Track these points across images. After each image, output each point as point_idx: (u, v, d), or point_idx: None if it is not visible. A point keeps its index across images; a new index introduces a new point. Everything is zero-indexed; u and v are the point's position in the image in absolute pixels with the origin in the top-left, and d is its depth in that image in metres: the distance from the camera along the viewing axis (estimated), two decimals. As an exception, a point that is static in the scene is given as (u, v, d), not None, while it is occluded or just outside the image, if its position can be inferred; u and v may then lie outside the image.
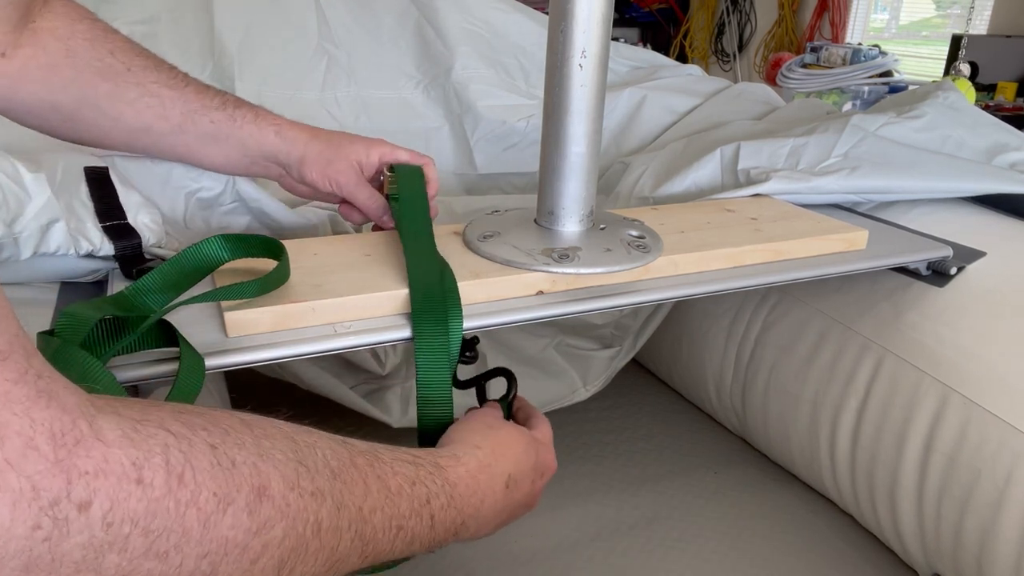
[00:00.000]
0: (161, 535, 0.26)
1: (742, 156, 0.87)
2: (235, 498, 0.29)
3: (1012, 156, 0.91)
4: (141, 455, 0.26)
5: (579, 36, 0.57)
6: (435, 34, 1.11)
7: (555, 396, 1.03)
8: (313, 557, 0.33)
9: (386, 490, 0.38)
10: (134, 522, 0.26)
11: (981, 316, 0.73)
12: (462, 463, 0.45)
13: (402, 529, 0.39)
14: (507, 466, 0.48)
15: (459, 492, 0.43)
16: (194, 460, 0.28)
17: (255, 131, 0.64)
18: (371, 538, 0.36)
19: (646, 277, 0.63)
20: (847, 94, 2.26)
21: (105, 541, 0.25)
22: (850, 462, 0.82)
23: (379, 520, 0.37)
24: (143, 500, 0.26)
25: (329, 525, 0.33)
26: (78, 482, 0.24)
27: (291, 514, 0.31)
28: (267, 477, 0.31)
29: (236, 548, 0.29)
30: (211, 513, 0.28)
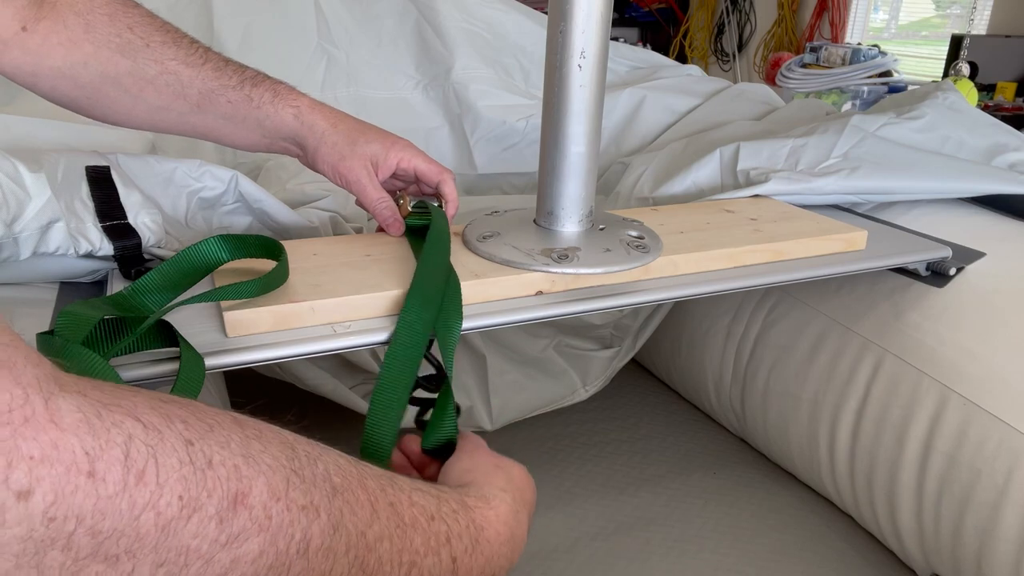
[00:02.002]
0: (111, 537, 0.24)
1: (742, 156, 0.87)
2: (203, 504, 0.26)
3: (1011, 157, 0.91)
4: (97, 445, 0.23)
5: (578, 36, 0.58)
6: (435, 34, 1.11)
7: (555, 396, 1.03)
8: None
9: (398, 518, 0.34)
10: (79, 520, 0.23)
11: (980, 316, 0.73)
12: (492, 507, 0.41)
13: (415, 567, 0.35)
14: (529, 501, 0.45)
15: (487, 537, 0.39)
16: (161, 456, 0.25)
17: (272, 112, 0.62)
18: (375, 570, 0.33)
19: (646, 277, 0.63)
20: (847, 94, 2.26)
21: (46, 536, 0.22)
22: (849, 462, 0.82)
23: (386, 551, 0.33)
24: (91, 496, 0.23)
25: (320, 545, 0.30)
26: (19, 466, 0.22)
27: (272, 527, 0.28)
28: (248, 483, 0.28)
29: (199, 560, 0.26)
30: (172, 519, 0.25)
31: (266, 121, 0.62)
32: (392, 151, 0.64)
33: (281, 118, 0.62)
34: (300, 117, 0.62)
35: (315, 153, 0.63)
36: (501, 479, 0.44)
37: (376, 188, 0.64)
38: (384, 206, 0.65)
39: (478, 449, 0.49)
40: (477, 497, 0.41)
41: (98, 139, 0.76)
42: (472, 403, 0.97)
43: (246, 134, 0.64)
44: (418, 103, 1.11)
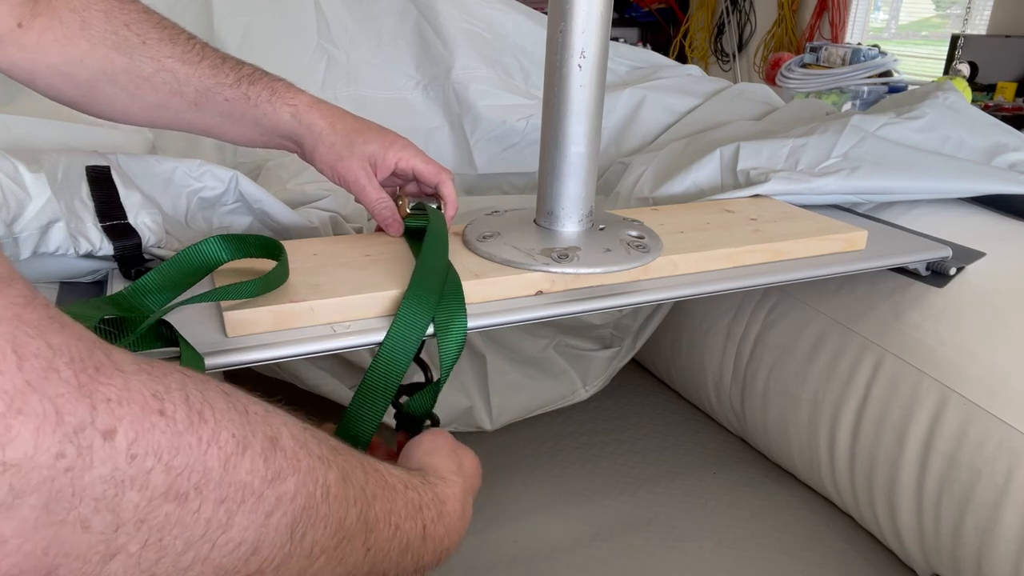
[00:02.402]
0: (183, 473, 0.25)
1: (742, 156, 0.87)
2: (251, 442, 0.27)
3: (1011, 157, 0.91)
4: (161, 387, 0.25)
5: (578, 37, 0.58)
6: (435, 34, 1.11)
7: (555, 396, 1.03)
8: (323, 524, 0.31)
9: (384, 482, 0.37)
10: (158, 456, 0.24)
11: (980, 316, 0.73)
12: (449, 486, 0.44)
13: (399, 529, 0.37)
14: (473, 494, 0.48)
15: (448, 511, 0.42)
16: (212, 399, 0.27)
17: (269, 111, 0.61)
18: (373, 525, 0.35)
19: (646, 277, 0.63)
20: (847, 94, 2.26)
21: (127, 475, 0.23)
22: (849, 462, 0.82)
23: (379, 509, 0.35)
24: (167, 433, 0.24)
25: (337, 493, 0.32)
26: (103, 408, 0.23)
27: (302, 470, 0.30)
28: (278, 428, 0.29)
29: (252, 496, 0.27)
30: (231, 454, 0.26)
31: (263, 120, 0.62)
32: (391, 151, 0.63)
33: (278, 117, 0.62)
34: (297, 116, 0.62)
35: (313, 153, 0.63)
36: (455, 464, 0.47)
37: (375, 188, 0.64)
38: (383, 206, 0.64)
39: (440, 434, 0.51)
40: (436, 476, 0.44)
41: (98, 139, 0.76)
42: (472, 403, 0.97)
43: (244, 131, 0.63)
44: (418, 103, 1.11)
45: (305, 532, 0.30)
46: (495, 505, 0.90)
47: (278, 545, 0.29)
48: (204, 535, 0.26)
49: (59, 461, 0.22)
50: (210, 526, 0.26)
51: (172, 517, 0.25)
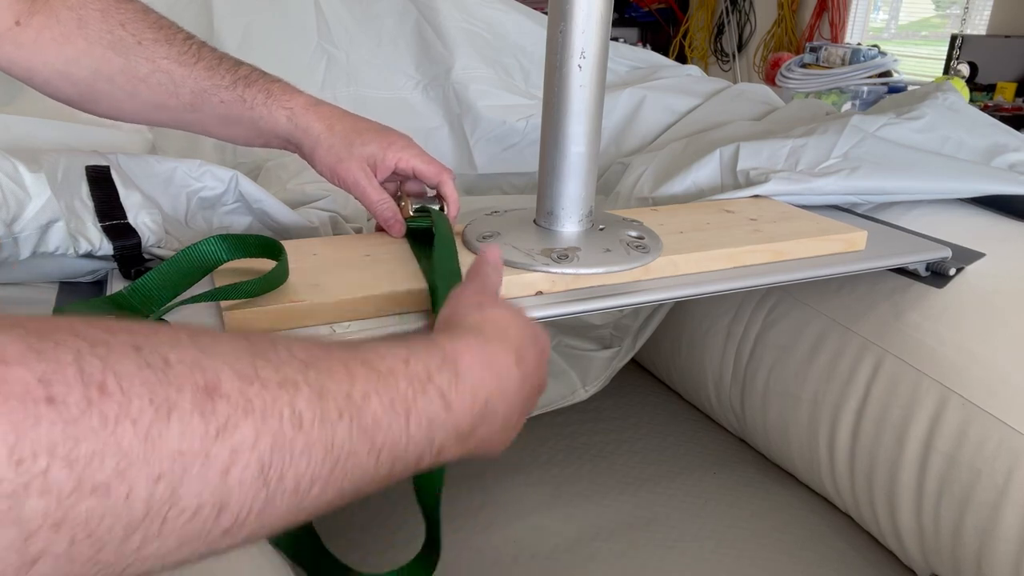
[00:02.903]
0: (91, 463, 0.21)
1: (742, 157, 0.87)
2: (177, 401, 0.23)
3: (1011, 157, 0.91)
4: (49, 368, 0.21)
5: (578, 37, 0.58)
6: (435, 34, 1.11)
7: (555, 396, 1.03)
8: (303, 456, 0.27)
9: (375, 372, 0.32)
10: (51, 452, 0.20)
11: (980, 317, 0.73)
12: (461, 338, 0.39)
13: (411, 412, 0.33)
14: (511, 340, 0.42)
15: (466, 365, 0.37)
16: (116, 364, 0.23)
17: (266, 113, 0.61)
18: (374, 427, 0.31)
19: (646, 277, 0.63)
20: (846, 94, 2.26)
21: (19, 484, 0.20)
22: (849, 462, 0.82)
23: (377, 405, 0.31)
24: (57, 423, 0.21)
25: (313, 416, 0.28)
26: None
27: (256, 409, 0.26)
28: (214, 373, 0.25)
29: (197, 459, 0.23)
30: (151, 424, 0.22)
31: (260, 123, 0.62)
32: (390, 151, 0.63)
33: (275, 120, 0.61)
34: (294, 119, 0.62)
35: (312, 156, 0.63)
36: (472, 316, 0.42)
37: (376, 189, 0.64)
38: (384, 207, 0.64)
39: (462, 292, 0.46)
40: (443, 334, 0.39)
41: (98, 139, 0.76)
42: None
43: (242, 133, 0.63)
44: (418, 103, 1.11)
45: (283, 472, 0.26)
46: (495, 505, 0.90)
47: (250, 496, 0.25)
48: (147, 515, 0.22)
49: None
50: (151, 505, 0.22)
51: (97, 510, 0.21)
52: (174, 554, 0.24)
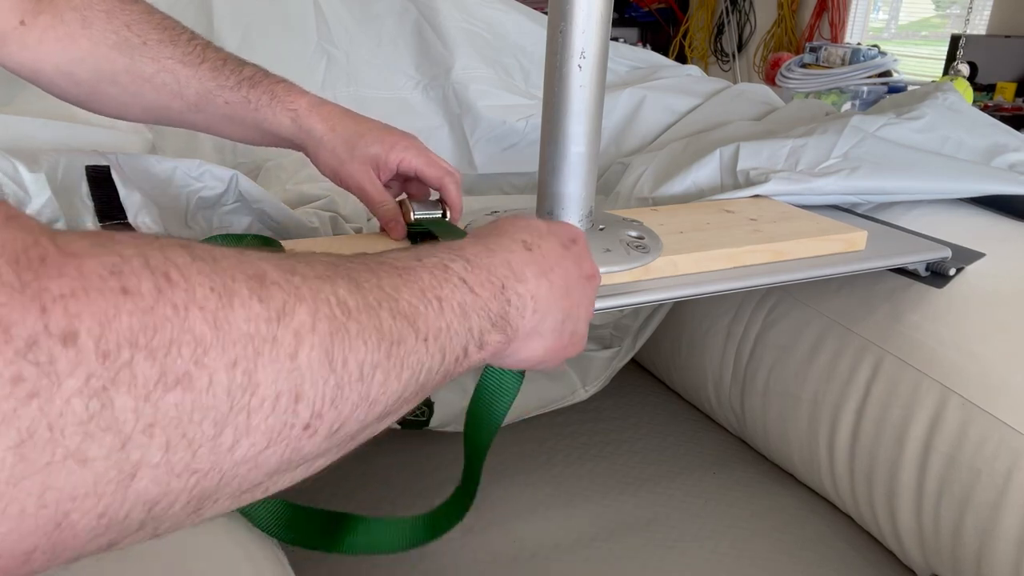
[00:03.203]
0: (170, 352, 0.21)
1: (742, 157, 0.87)
2: (235, 288, 0.23)
3: (1011, 157, 0.91)
4: (118, 258, 0.21)
5: (578, 37, 0.57)
6: (434, 34, 1.11)
7: (554, 396, 1.03)
8: (361, 340, 0.27)
9: (395, 269, 0.32)
10: (133, 344, 0.20)
11: (980, 317, 0.73)
12: (460, 243, 0.39)
13: (443, 300, 0.33)
14: (515, 233, 0.41)
15: (473, 253, 0.37)
16: (173, 256, 0.22)
17: (270, 115, 0.61)
18: (413, 314, 0.30)
19: (646, 278, 0.63)
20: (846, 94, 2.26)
21: (106, 380, 0.19)
22: (849, 463, 0.82)
23: (409, 296, 0.31)
24: (135, 313, 0.20)
25: (356, 303, 0.27)
26: (56, 309, 0.19)
27: (307, 294, 0.25)
28: (258, 265, 0.25)
29: (266, 343, 0.23)
30: (217, 310, 0.22)
31: (264, 124, 0.62)
32: (393, 152, 0.63)
33: (279, 122, 0.62)
34: (297, 121, 0.62)
35: (315, 157, 0.63)
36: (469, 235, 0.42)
37: (378, 191, 0.64)
38: (385, 209, 0.64)
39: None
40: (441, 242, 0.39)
41: (98, 139, 0.76)
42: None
43: (247, 133, 0.64)
44: (418, 103, 1.11)
45: (345, 357, 0.26)
46: (495, 505, 0.90)
47: (321, 382, 0.25)
48: (232, 408, 0.22)
49: (18, 388, 0.18)
50: (233, 396, 0.22)
51: (184, 405, 0.21)
52: (265, 457, 0.24)
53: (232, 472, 0.23)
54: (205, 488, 0.22)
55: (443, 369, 0.33)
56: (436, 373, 0.32)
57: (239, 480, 0.24)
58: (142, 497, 0.21)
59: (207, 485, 0.22)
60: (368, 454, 1.00)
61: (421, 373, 0.31)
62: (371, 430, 0.30)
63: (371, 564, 0.80)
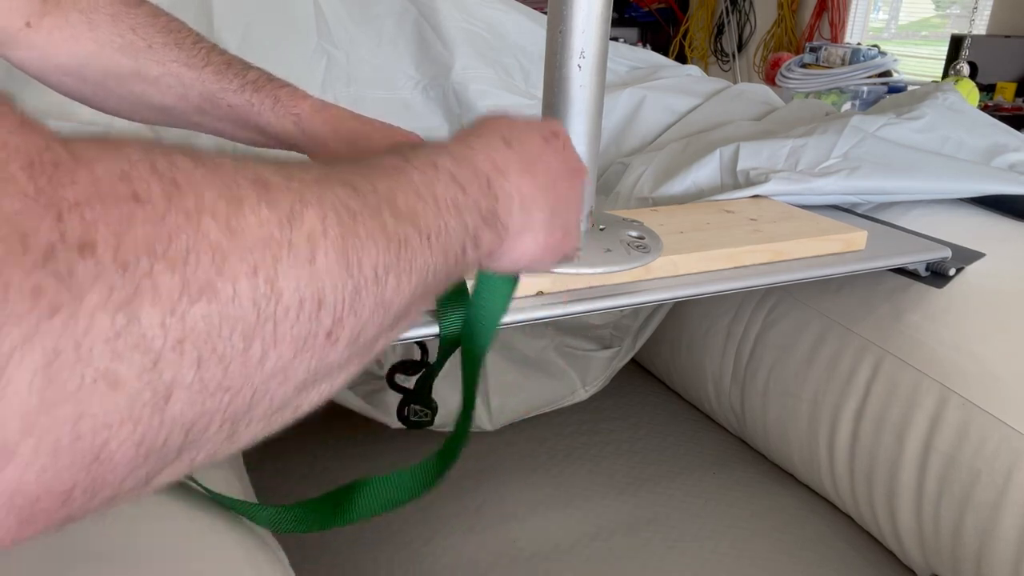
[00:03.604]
0: (189, 261, 0.20)
1: (741, 157, 0.87)
2: (241, 193, 0.22)
3: (1011, 157, 0.91)
4: (126, 165, 0.20)
5: (578, 37, 0.57)
6: (434, 34, 1.11)
7: (555, 396, 1.03)
8: (371, 241, 0.26)
9: (386, 172, 0.31)
10: (151, 252, 0.19)
11: (980, 317, 0.73)
12: (442, 143, 0.38)
13: (437, 198, 0.32)
14: (494, 130, 0.41)
15: (456, 152, 0.36)
16: (177, 162, 0.21)
17: (273, 119, 0.62)
18: (411, 214, 0.30)
19: (646, 278, 0.63)
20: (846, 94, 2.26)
21: (128, 292, 0.18)
22: (849, 463, 0.82)
23: (404, 196, 0.30)
24: (150, 220, 0.19)
25: (358, 206, 0.26)
26: (71, 218, 0.18)
27: (311, 199, 0.24)
28: (258, 172, 0.24)
29: (283, 248, 0.22)
30: (228, 215, 0.21)
31: (268, 128, 0.62)
32: None
33: (283, 126, 0.62)
34: (300, 125, 0.62)
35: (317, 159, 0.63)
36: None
37: None
38: None
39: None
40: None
41: (98, 139, 0.76)
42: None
43: (251, 136, 0.64)
44: (418, 103, 1.11)
45: (360, 259, 0.25)
46: (495, 505, 0.90)
47: (340, 286, 0.24)
48: (259, 318, 0.21)
49: (39, 303, 0.16)
50: (259, 305, 0.21)
51: (212, 317, 0.20)
52: (293, 369, 0.23)
53: (263, 387, 0.22)
54: (238, 408, 0.22)
55: (445, 270, 0.32)
56: (440, 274, 0.32)
57: (270, 397, 0.23)
58: (178, 420, 0.20)
59: (240, 404, 0.22)
60: (370, 453, 1.01)
61: (428, 274, 0.30)
62: (386, 338, 0.29)
63: (371, 564, 0.81)
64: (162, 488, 0.23)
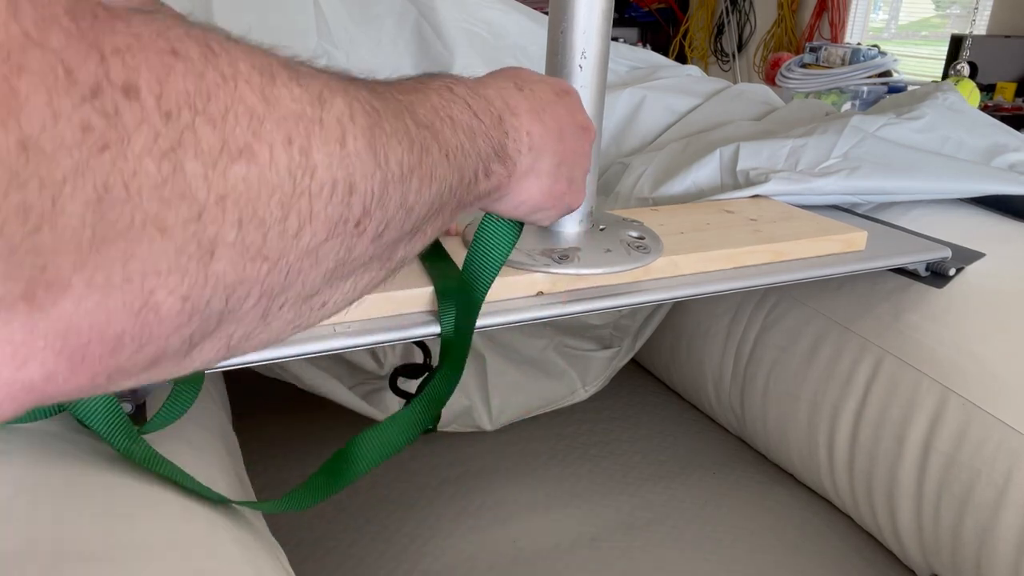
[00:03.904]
0: (227, 118, 0.20)
1: (741, 157, 0.87)
2: (274, 70, 0.22)
3: (1011, 157, 0.91)
4: (162, 23, 0.20)
5: (579, 37, 0.57)
6: (434, 34, 1.11)
7: (554, 397, 1.03)
8: (395, 139, 0.26)
9: (404, 89, 0.32)
10: (192, 106, 0.19)
11: (980, 317, 0.73)
12: (456, 75, 0.39)
13: (453, 120, 0.33)
14: (506, 76, 0.42)
15: (468, 83, 0.37)
16: (211, 31, 0.22)
17: None
18: (430, 127, 0.30)
19: (646, 278, 0.63)
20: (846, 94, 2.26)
21: (172, 140, 0.18)
22: (848, 463, 0.82)
23: (424, 110, 0.30)
24: (189, 75, 0.19)
25: (382, 108, 0.27)
26: (114, 60, 0.18)
27: (338, 89, 0.25)
28: (286, 58, 0.24)
29: (315, 125, 0.23)
30: (263, 84, 0.21)
31: None
32: None
33: None
34: None
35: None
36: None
37: None
38: None
39: None
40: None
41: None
42: (472, 403, 0.97)
43: None
44: (418, 103, 1.11)
45: (387, 152, 0.26)
46: (495, 505, 0.90)
47: (369, 173, 0.25)
48: (295, 189, 0.22)
49: (88, 137, 0.17)
50: (294, 174, 0.22)
51: (251, 178, 0.20)
52: (324, 252, 0.24)
53: (297, 265, 0.23)
54: (274, 282, 0.22)
55: (459, 191, 0.32)
56: (454, 194, 0.32)
57: (302, 279, 0.24)
58: (221, 280, 0.21)
59: (276, 279, 0.22)
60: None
61: (444, 189, 0.30)
62: (404, 249, 0.29)
63: (371, 564, 0.81)
64: (201, 366, 0.23)
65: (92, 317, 0.18)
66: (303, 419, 1.00)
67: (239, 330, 0.23)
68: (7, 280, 0.16)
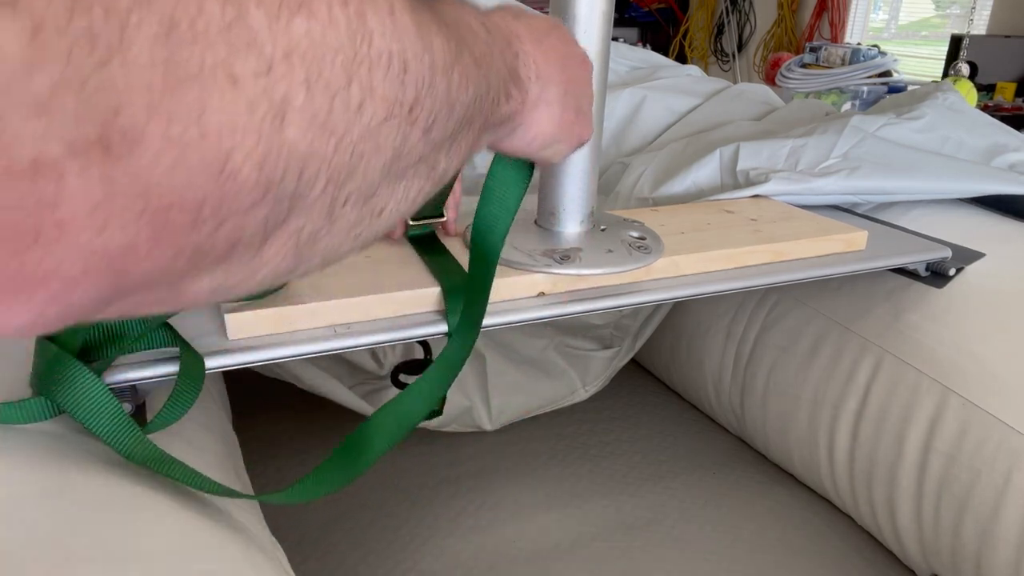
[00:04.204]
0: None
1: (741, 157, 0.87)
2: None
3: (1011, 157, 0.91)
4: None
5: (579, 37, 0.57)
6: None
7: (555, 396, 1.03)
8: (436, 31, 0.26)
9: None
10: None
11: (980, 317, 0.73)
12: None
13: (474, 32, 0.32)
14: (504, 8, 0.41)
15: (471, 5, 0.36)
16: None
17: None
18: (460, 32, 0.29)
19: (647, 278, 0.63)
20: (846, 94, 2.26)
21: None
22: (849, 463, 0.82)
23: (449, 14, 0.29)
24: None
25: (416, 7, 0.26)
26: None
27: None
28: None
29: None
30: None
31: None
32: None
33: None
34: None
35: None
36: None
37: None
38: None
39: None
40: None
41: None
42: (472, 403, 0.97)
43: None
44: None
45: (431, 41, 0.25)
46: (495, 505, 0.90)
47: (419, 54, 0.24)
48: (356, 54, 0.21)
49: None
50: (354, 38, 0.21)
51: (313, 35, 0.20)
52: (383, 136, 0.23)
53: (360, 148, 0.22)
54: (339, 166, 0.22)
55: (487, 107, 0.32)
56: (483, 105, 0.31)
57: (364, 165, 0.23)
58: (294, 151, 0.20)
59: (341, 161, 0.22)
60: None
61: (477, 96, 0.30)
62: (446, 161, 0.29)
63: (371, 564, 0.81)
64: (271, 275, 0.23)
65: (172, 177, 0.17)
66: (303, 419, 1.00)
67: (308, 225, 0.23)
68: (80, 121, 0.15)
